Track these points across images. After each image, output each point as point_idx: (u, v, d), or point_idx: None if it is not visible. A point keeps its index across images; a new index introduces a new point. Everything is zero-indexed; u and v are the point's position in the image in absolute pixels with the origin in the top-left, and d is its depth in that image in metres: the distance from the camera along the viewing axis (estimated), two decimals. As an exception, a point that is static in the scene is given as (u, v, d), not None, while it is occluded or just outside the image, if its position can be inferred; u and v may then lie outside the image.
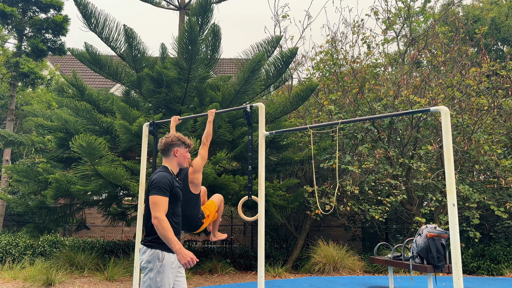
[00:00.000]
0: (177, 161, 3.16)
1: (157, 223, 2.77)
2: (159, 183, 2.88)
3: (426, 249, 5.67)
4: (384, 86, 9.77)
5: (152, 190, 2.87)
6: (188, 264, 2.74)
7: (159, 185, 2.87)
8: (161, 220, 2.77)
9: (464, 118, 8.72)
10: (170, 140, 3.13)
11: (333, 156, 8.95)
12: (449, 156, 3.22)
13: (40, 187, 8.32)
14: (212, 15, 8.58)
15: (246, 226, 12.40)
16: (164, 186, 2.87)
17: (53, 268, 7.52)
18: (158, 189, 2.85)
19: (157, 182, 2.88)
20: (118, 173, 6.92)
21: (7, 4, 11.38)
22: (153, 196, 2.85)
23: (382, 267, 8.82)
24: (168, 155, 3.14)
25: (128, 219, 9.32)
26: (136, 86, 8.64)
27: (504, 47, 17.28)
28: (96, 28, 8.55)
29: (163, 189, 2.86)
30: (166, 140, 3.14)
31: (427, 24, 12.32)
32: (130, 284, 7.16)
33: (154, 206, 2.82)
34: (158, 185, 2.87)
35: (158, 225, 2.77)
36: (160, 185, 2.87)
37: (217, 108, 7.22)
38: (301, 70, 16.07)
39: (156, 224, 2.77)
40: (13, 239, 9.37)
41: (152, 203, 2.83)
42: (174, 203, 2.99)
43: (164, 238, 2.77)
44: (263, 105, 4.07)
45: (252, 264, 9.10)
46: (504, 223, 9.66)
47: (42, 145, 8.57)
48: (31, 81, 11.81)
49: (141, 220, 4.64)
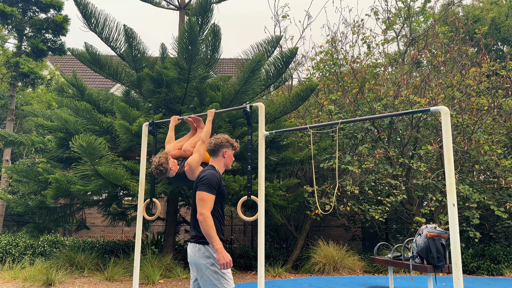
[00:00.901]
0: (224, 162, 3.25)
1: (202, 220, 2.83)
2: (208, 180, 2.95)
3: (426, 249, 5.67)
4: (384, 86, 9.76)
5: (200, 186, 2.94)
6: (225, 266, 2.81)
7: (208, 182, 2.94)
8: (206, 217, 2.83)
9: (464, 118, 8.72)
10: (220, 141, 3.22)
11: (333, 156, 8.95)
12: (449, 156, 3.21)
13: (40, 187, 8.32)
14: (212, 15, 8.58)
15: (246, 226, 12.40)
16: (212, 183, 2.94)
17: (53, 268, 7.52)
18: (207, 186, 2.92)
19: (207, 179, 2.95)
20: (118, 173, 6.92)
21: (7, 4, 11.38)
22: (201, 192, 2.91)
23: (382, 267, 8.81)
24: (217, 155, 3.23)
25: (128, 219, 9.32)
26: (136, 86, 8.64)
27: (504, 47, 17.28)
28: (96, 28, 8.54)
29: (211, 187, 2.93)
30: (216, 141, 3.22)
31: (427, 24, 12.31)
32: (130, 284, 7.16)
33: (201, 202, 2.88)
34: (207, 182, 2.93)
35: (203, 221, 2.83)
36: (210, 182, 2.94)
37: (217, 108, 7.22)
38: (301, 70, 16.08)
39: (201, 220, 2.84)
40: (13, 239, 9.37)
41: (199, 199, 2.90)
42: (220, 202, 3.06)
43: (207, 235, 2.83)
44: (263, 105, 4.06)
45: (252, 264, 9.10)
46: (504, 223, 9.66)
47: (42, 145, 8.57)
48: (31, 81, 11.80)
49: (141, 220, 4.63)
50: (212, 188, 2.92)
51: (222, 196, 3.05)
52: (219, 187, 2.99)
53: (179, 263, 8.28)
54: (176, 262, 8.19)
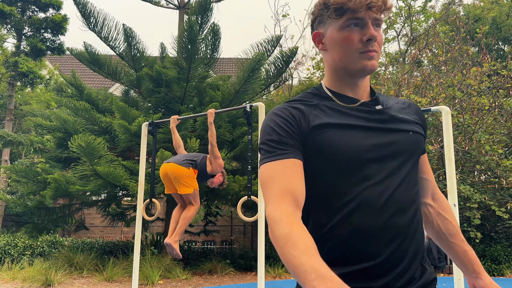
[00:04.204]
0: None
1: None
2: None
3: (426, 250, 5.64)
4: (385, 86, 9.73)
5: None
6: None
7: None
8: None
9: (465, 117, 8.68)
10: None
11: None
12: (450, 156, 3.18)
13: (39, 187, 8.29)
14: (212, 14, 8.55)
15: (246, 226, 12.36)
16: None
17: (52, 269, 7.48)
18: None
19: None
20: (117, 173, 6.88)
21: (6, 4, 11.34)
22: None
23: (382, 268, 8.77)
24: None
25: (127, 219, 9.29)
26: (135, 85, 8.61)
27: (505, 47, 17.24)
28: (95, 28, 8.51)
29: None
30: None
31: (428, 23, 12.28)
32: (130, 284, 7.12)
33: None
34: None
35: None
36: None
37: (217, 108, 7.18)
38: (302, 69, 16.04)
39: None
40: (12, 239, 9.34)
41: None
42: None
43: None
44: (263, 104, 4.03)
45: (252, 265, 9.07)
46: (505, 224, 9.62)
47: (41, 145, 8.54)
48: (30, 81, 11.77)
49: (141, 220, 4.60)
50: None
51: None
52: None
53: (179, 263, 8.24)
54: (175, 263, 8.16)
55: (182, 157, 4.23)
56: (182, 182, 4.09)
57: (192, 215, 4.23)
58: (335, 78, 1.07)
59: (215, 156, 4.18)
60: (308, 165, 0.99)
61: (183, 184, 4.09)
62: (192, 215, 4.22)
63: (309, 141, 0.98)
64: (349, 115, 1.02)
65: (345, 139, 0.98)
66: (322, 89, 1.09)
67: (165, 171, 4.19)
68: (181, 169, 4.10)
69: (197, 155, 4.35)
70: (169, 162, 4.20)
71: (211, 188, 7.45)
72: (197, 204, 4.27)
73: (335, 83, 1.08)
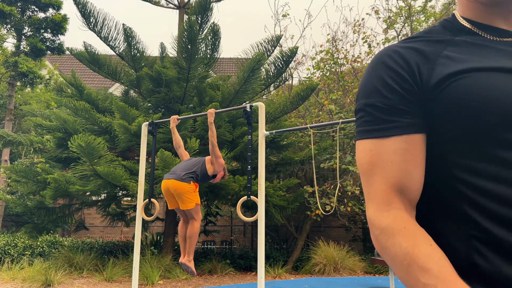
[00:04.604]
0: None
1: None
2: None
3: None
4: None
5: None
6: None
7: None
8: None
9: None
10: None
11: (334, 156, 8.90)
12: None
13: (39, 187, 8.27)
14: (212, 14, 8.54)
15: (246, 226, 12.35)
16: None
17: (52, 269, 7.47)
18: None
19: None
20: (117, 173, 6.87)
21: (6, 4, 11.33)
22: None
23: (383, 268, 8.77)
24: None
25: (127, 219, 9.28)
26: (135, 85, 8.60)
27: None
28: (95, 27, 8.50)
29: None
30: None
31: (428, 23, 12.27)
32: (129, 285, 7.11)
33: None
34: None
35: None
36: None
37: (217, 108, 7.17)
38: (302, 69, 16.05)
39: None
40: (12, 239, 9.33)
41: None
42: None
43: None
44: (263, 104, 4.02)
45: (252, 265, 9.06)
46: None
47: (41, 145, 8.53)
48: (29, 81, 11.76)
49: (140, 220, 4.58)
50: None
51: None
52: None
53: (179, 264, 8.23)
54: (175, 263, 8.14)
55: (183, 171, 4.25)
56: (184, 198, 4.15)
57: (197, 231, 4.31)
58: (477, 3, 0.72)
59: (216, 156, 4.21)
60: (433, 135, 0.67)
61: (185, 200, 4.16)
62: (197, 231, 4.30)
63: (436, 97, 0.65)
64: (505, 54, 0.67)
65: (501, 89, 0.62)
66: (456, 20, 0.74)
67: (166, 188, 4.23)
68: (182, 185, 4.15)
69: (196, 163, 4.35)
70: (170, 179, 4.23)
71: (211, 188, 7.44)
72: (199, 218, 4.36)
73: (478, 12, 0.72)
